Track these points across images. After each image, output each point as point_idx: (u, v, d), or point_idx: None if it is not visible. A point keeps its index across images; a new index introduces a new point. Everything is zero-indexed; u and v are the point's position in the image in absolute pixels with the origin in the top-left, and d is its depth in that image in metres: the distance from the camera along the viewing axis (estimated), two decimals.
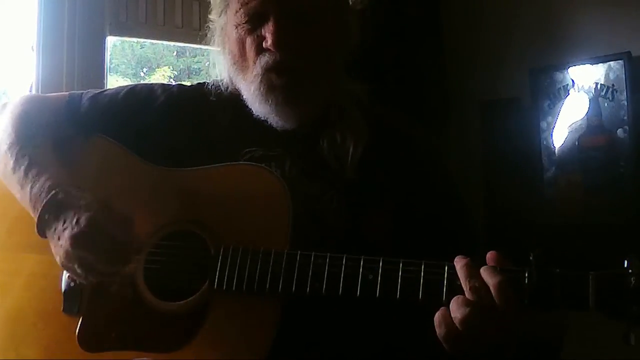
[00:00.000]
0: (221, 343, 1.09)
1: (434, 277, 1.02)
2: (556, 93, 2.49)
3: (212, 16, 1.31)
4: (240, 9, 1.21)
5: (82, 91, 1.38)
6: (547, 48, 2.48)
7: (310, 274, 1.06)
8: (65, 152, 1.25)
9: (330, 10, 1.23)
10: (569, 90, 2.47)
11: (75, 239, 1.07)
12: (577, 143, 2.44)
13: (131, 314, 1.15)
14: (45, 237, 1.13)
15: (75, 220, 1.08)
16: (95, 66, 2.14)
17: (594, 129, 2.40)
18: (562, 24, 2.47)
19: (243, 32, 1.21)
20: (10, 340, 1.21)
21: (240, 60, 1.23)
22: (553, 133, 2.50)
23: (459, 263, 1.00)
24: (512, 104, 2.58)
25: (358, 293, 1.04)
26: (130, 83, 2.52)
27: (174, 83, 1.39)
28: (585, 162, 2.42)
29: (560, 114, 2.48)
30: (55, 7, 2.08)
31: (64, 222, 1.09)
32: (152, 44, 2.78)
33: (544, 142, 2.51)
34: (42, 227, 1.13)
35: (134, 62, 2.88)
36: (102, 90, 1.38)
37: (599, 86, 2.39)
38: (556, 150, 2.49)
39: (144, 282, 1.16)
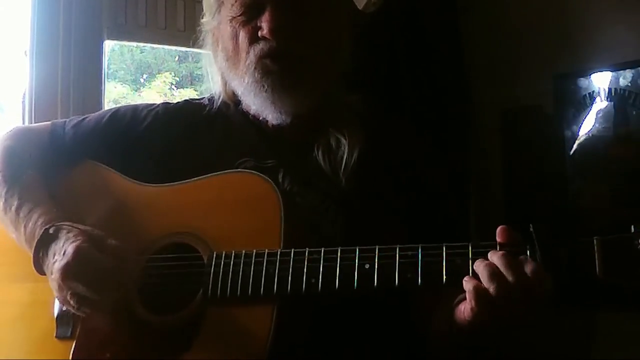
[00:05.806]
0: (216, 353, 1.10)
1: (432, 259, 1.03)
2: (581, 100, 2.44)
3: (204, 19, 1.34)
4: (236, 1, 1.24)
5: (64, 119, 1.42)
6: (572, 53, 2.44)
7: (305, 269, 1.07)
8: (53, 183, 1.30)
9: (328, 9, 1.26)
10: (595, 98, 2.43)
11: (63, 271, 1.09)
12: (603, 153, 2.40)
13: (125, 332, 1.16)
14: (45, 274, 1.16)
15: (63, 252, 1.11)
16: (92, 72, 2.11)
17: (621, 139, 2.37)
18: (587, 28, 2.43)
19: (238, 24, 1.24)
20: None
21: (234, 54, 1.25)
22: (578, 142, 2.46)
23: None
24: (534, 112, 2.54)
25: (355, 285, 1.04)
26: (128, 91, 2.50)
27: (158, 102, 1.43)
28: (612, 173, 2.37)
29: (585, 122, 2.44)
30: (50, 9, 2.05)
31: (54, 256, 1.13)
32: (153, 48, 2.84)
33: (569, 152, 2.47)
34: (39, 265, 1.16)
35: (134, 67, 2.92)
36: (85, 116, 1.41)
37: (626, 93, 2.34)
38: (581, 161, 2.45)
39: (138, 297, 1.17)
